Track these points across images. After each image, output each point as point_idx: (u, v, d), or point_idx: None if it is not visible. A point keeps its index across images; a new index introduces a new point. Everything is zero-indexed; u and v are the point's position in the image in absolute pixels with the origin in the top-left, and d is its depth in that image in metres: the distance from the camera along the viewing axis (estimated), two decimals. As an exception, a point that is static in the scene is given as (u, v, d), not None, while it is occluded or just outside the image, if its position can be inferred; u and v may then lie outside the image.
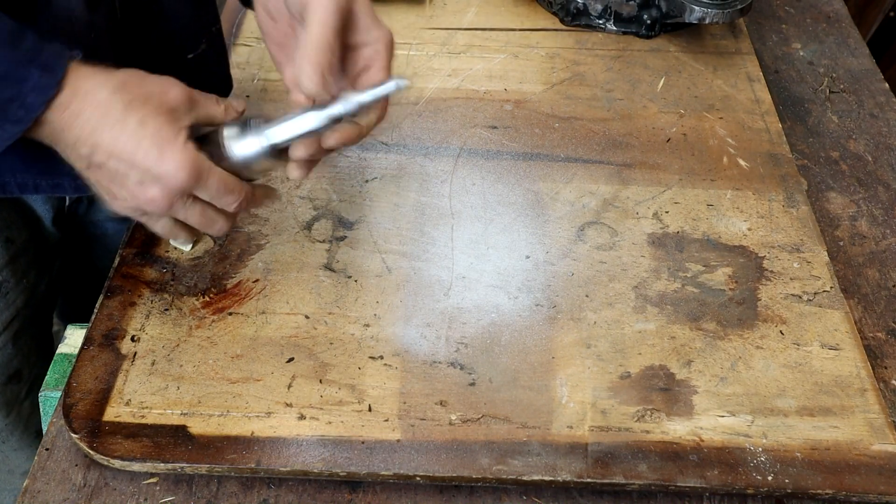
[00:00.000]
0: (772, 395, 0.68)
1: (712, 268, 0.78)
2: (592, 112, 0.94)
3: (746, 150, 0.90)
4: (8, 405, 0.91)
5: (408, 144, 0.89)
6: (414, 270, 0.76)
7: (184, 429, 0.64)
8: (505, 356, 0.70)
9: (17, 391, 0.91)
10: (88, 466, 0.65)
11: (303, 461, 0.63)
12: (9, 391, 0.90)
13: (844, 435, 0.66)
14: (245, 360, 0.69)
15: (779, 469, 0.64)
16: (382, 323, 0.72)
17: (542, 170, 0.87)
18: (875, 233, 0.88)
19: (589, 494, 0.66)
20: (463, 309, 0.73)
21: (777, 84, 1.05)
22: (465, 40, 1.03)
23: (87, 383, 0.67)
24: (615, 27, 1.05)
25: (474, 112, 0.93)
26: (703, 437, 0.66)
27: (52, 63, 0.55)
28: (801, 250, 0.80)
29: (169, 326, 0.71)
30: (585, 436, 0.65)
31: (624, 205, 0.83)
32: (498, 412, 0.67)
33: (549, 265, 0.77)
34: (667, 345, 0.72)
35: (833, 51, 1.11)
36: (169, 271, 0.75)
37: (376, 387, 0.68)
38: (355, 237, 0.79)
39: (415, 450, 0.64)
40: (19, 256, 0.84)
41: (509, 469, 0.63)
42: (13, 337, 0.88)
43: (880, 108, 1.03)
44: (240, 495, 0.65)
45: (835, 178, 0.94)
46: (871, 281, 0.83)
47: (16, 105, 0.55)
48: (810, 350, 0.72)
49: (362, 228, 0.80)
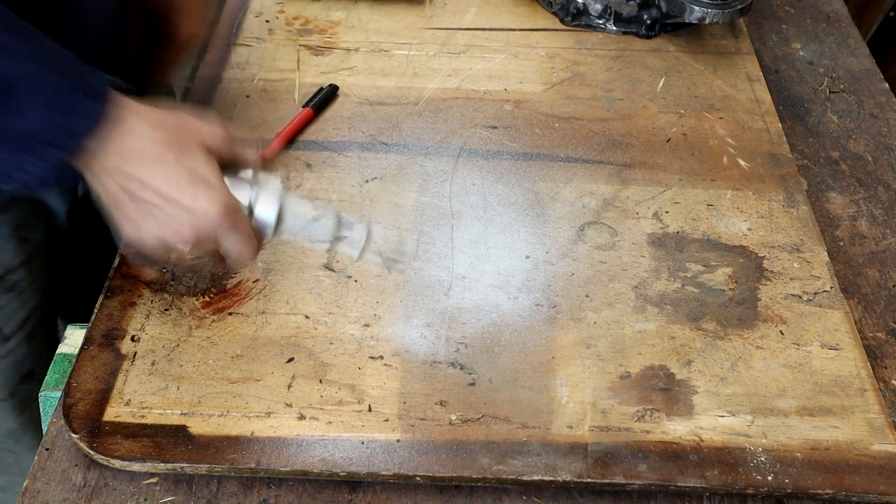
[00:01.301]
0: (772, 395, 0.69)
1: (712, 268, 0.78)
2: (592, 112, 0.94)
3: (746, 150, 0.90)
4: (21, 405, 0.91)
5: (408, 144, 0.89)
6: (414, 270, 0.76)
7: (184, 429, 0.65)
8: (505, 356, 0.70)
9: (29, 391, 0.91)
10: (88, 466, 0.65)
11: (303, 461, 0.63)
12: (22, 391, 0.91)
13: (844, 435, 0.66)
14: (245, 360, 0.69)
15: (779, 469, 0.64)
16: (382, 323, 0.72)
17: (542, 170, 0.87)
18: (875, 233, 0.88)
19: (589, 494, 0.66)
20: (463, 309, 0.74)
21: (777, 84, 1.05)
22: (465, 40, 1.03)
23: (87, 383, 0.67)
24: (615, 27, 1.05)
25: (474, 112, 0.93)
26: (703, 437, 0.66)
27: (97, 89, 0.56)
28: (801, 250, 0.80)
29: (169, 326, 0.71)
30: (585, 436, 0.65)
31: (624, 205, 0.83)
32: (498, 412, 0.67)
33: (549, 265, 0.77)
34: (667, 345, 0.72)
35: (833, 51, 1.12)
36: (169, 271, 0.75)
37: (376, 387, 0.68)
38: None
39: (415, 450, 0.64)
40: (35, 256, 0.84)
41: (509, 469, 0.63)
42: (27, 336, 0.88)
43: (880, 108, 1.03)
44: (240, 495, 0.65)
45: (835, 178, 0.94)
46: (871, 281, 0.83)
47: (63, 132, 0.55)
48: (810, 350, 0.72)
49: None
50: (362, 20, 1.04)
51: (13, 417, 0.92)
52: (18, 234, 0.80)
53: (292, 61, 0.98)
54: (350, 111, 0.92)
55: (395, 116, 0.92)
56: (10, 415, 0.92)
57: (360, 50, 1.00)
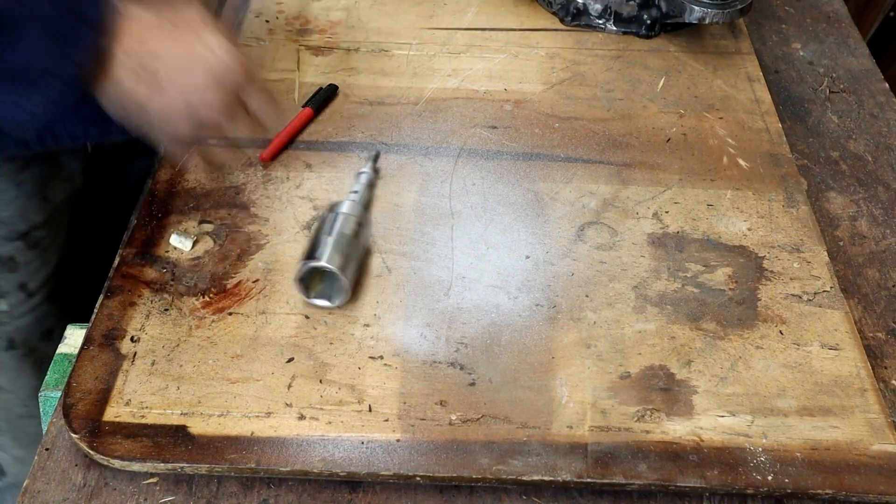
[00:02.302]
0: (772, 395, 0.69)
1: (712, 268, 0.78)
2: (592, 112, 0.94)
3: (746, 150, 0.90)
4: (40, 363, 0.93)
5: (408, 144, 0.89)
6: (414, 270, 0.76)
7: (184, 429, 0.65)
8: (505, 356, 0.70)
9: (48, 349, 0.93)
10: (88, 466, 0.65)
11: (303, 461, 0.63)
12: (42, 348, 0.93)
13: (844, 435, 0.66)
14: (245, 360, 0.69)
15: (779, 469, 0.64)
16: (382, 323, 0.72)
17: (542, 170, 0.87)
18: (875, 233, 0.88)
19: (589, 494, 0.66)
20: (463, 309, 0.74)
21: (777, 84, 1.05)
22: (465, 40, 1.03)
23: (87, 383, 0.67)
24: (615, 27, 1.05)
25: (474, 112, 0.93)
26: (703, 437, 0.66)
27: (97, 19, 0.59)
28: (801, 250, 0.80)
29: (169, 326, 0.71)
30: (585, 436, 0.65)
31: (624, 205, 0.83)
32: (498, 412, 0.67)
33: (549, 265, 0.77)
34: (667, 345, 0.72)
35: (833, 51, 1.12)
36: (169, 271, 0.75)
37: (376, 387, 0.68)
38: (355, 237, 0.79)
39: (415, 450, 0.64)
40: (56, 215, 0.87)
41: (509, 469, 0.63)
42: (49, 294, 0.90)
43: (880, 108, 1.03)
44: (240, 495, 0.65)
45: (835, 178, 0.94)
46: (871, 281, 0.83)
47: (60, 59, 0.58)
48: (810, 350, 0.72)
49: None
50: (362, 20, 1.04)
51: (33, 375, 0.94)
52: (41, 192, 0.83)
53: (292, 61, 0.98)
54: (350, 111, 0.92)
55: (395, 116, 0.92)
56: (30, 373, 0.94)
57: (360, 50, 1.00)
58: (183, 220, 0.80)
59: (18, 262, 0.86)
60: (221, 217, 0.80)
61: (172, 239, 0.77)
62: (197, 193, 0.82)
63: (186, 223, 0.79)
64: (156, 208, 0.81)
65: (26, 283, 0.88)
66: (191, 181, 0.83)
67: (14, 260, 0.85)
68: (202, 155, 0.74)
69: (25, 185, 0.82)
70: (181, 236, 0.77)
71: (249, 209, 0.81)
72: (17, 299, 0.88)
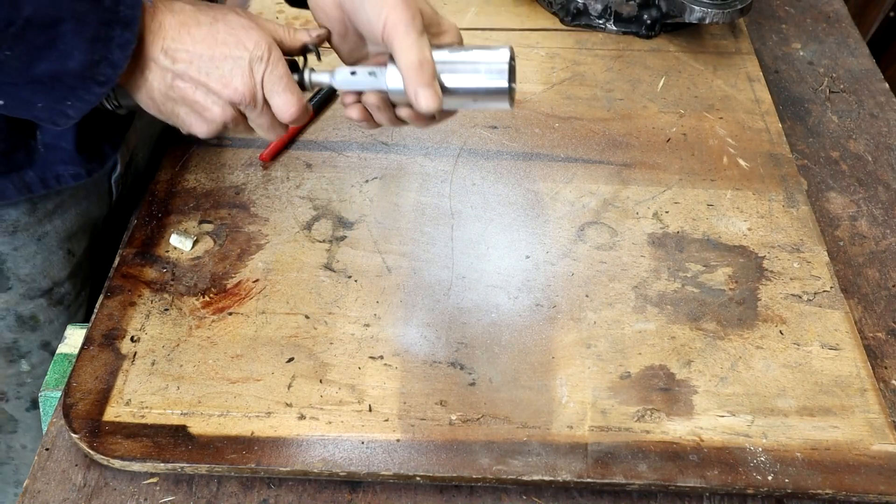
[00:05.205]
0: (772, 395, 0.68)
1: (712, 268, 0.78)
2: (592, 112, 0.94)
3: (746, 150, 0.90)
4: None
5: (408, 144, 0.89)
6: (414, 270, 0.76)
7: (184, 429, 0.65)
8: (505, 356, 0.70)
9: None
10: (88, 466, 0.65)
11: (303, 461, 0.63)
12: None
13: (844, 435, 0.66)
14: (245, 360, 0.69)
15: (779, 469, 0.64)
16: (382, 323, 0.72)
17: (542, 170, 0.87)
18: (875, 233, 0.88)
19: (589, 494, 0.66)
20: (463, 309, 0.74)
21: (777, 84, 1.05)
22: (465, 40, 1.02)
23: (87, 383, 0.67)
24: (615, 27, 1.05)
25: (474, 112, 0.93)
26: (703, 437, 0.66)
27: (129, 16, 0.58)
28: (801, 250, 0.80)
29: (169, 326, 0.71)
30: (585, 436, 0.65)
31: (624, 205, 0.83)
32: (498, 412, 0.67)
33: (549, 265, 0.77)
34: (667, 345, 0.72)
35: (833, 51, 1.12)
36: (169, 271, 0.75)
37: (376, 387, 0.68)
38: (355, 237, 0.79)
39: (415, 450, 0.64)
40: (79, 268, 0.83)
41: (509, 469, 0.63)
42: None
43: (880, 108, 1.03)
44: (240, 495, 0.65)
45: (835, 178, 0.94)
46: (871, 281, 0.83)
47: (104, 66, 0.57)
48: (810, 350, 0.72)
49: (362, 228, 0.80)
50: (362, 20, 1.04)
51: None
52: (65, 245, 0.80)
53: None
54: (350, 111, 0.92)
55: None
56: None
57: (360, 50, 1.00)
58: (183, 220, 0.80)
59: (41, 320, 0.82)
60: (221, 217, 0.80)
61: (172, 239, 0.77)
62: (197, 193, 0.82)
63: (186, 223, 0.79)
64: (156, 208, 0.81)
65: (49, 342, 0.83)
66: (191, 181, 0.83)
67: (36, 318, 0.81)
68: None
69: (47, 238, 0.77)
70: (181, 236, 0.77)
71: (249, 209, 0.81)
72: (39, 358, 0.84)
